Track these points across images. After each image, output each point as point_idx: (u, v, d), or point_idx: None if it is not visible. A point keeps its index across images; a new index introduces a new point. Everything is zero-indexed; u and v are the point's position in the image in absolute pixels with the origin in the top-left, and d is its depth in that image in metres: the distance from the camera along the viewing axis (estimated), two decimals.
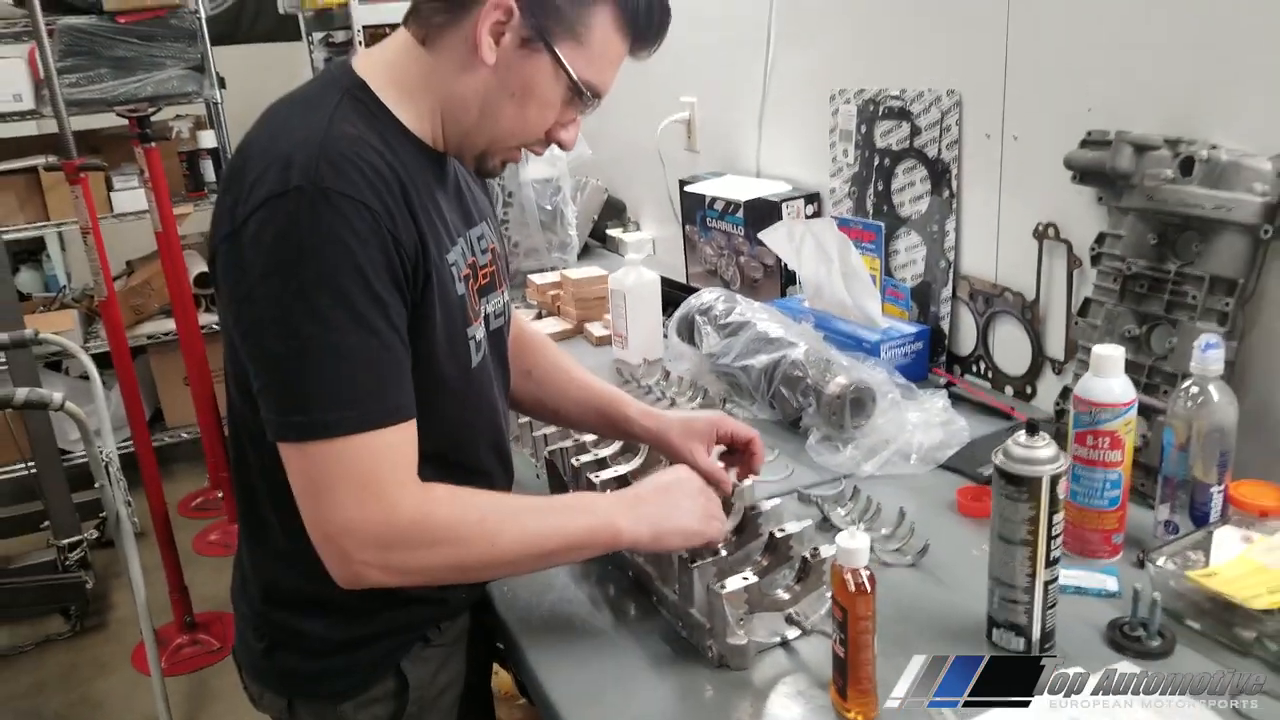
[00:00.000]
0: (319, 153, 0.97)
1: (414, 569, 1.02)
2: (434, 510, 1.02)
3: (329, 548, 0.99)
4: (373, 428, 0.98)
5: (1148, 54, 1.40)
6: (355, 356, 0.97)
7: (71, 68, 3.52)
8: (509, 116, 1.09)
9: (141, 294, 3.97)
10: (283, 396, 0.98)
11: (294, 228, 0.95)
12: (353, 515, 0.98)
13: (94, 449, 2.50)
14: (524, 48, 1.05)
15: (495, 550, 1.05)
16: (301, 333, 0.96)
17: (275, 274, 0.96)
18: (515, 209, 2.54)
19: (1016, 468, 1.01)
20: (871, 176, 1.96)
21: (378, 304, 0.98)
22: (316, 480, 0.98)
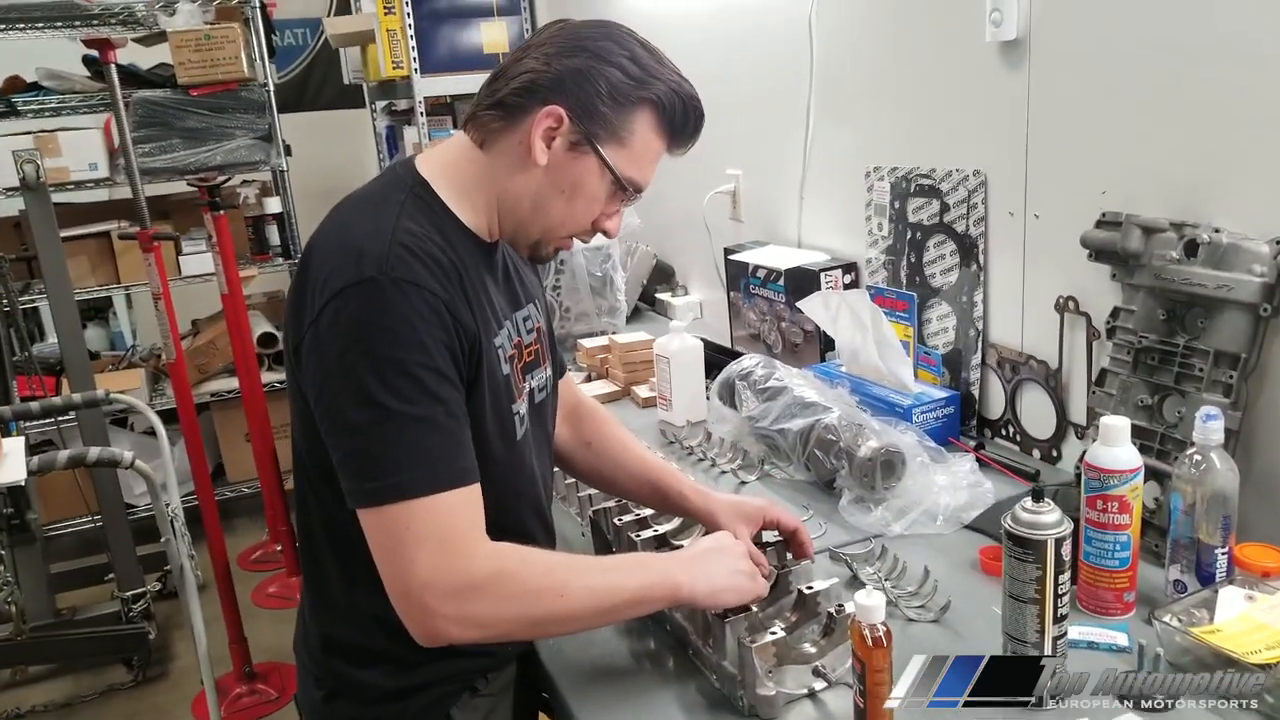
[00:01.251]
0: (388, 247, 1.09)
1: (490, 621, 1.09)
2: (506, 564, 1.10)
3: (409, 605, 1.06)
4: (446, 489, 1.07)
5: (1156, 142, 1.50)
6: (425, 425, 1.07)
7: (145, 138, 3.70)
8: (559, 210, 1.21)
9: (206, 353, 4.13)
10: (361, 464, 1.07)
11: (368, 311, 1.06)
12: (432, 570, 1.05)
13: (160, 504, 2.62)
14: (573, 150, 1.17)
15: (564, 603, 1.11)
16: (376, 403, 1.05)
17: (351, 352, 1.06)
18: (567, 275, 2.67)
19: (1023, 531, 1.10)
20: (905, 249, 2.06)
21: (443, 379, 1.09)
22: (396, 539, 1.06)
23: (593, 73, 1.16)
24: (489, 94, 1.20)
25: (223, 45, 3.67)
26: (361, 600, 1.17)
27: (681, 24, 2.91)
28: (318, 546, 1.25)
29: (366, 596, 1.14)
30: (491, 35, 4.05)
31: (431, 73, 3.88)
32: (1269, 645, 1.11)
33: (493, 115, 1.19)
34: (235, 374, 3.67)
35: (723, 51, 2.70)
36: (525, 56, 1.19)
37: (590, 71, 1.16)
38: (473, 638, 1.09)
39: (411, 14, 3.82)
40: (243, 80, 3.78)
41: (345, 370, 1.07)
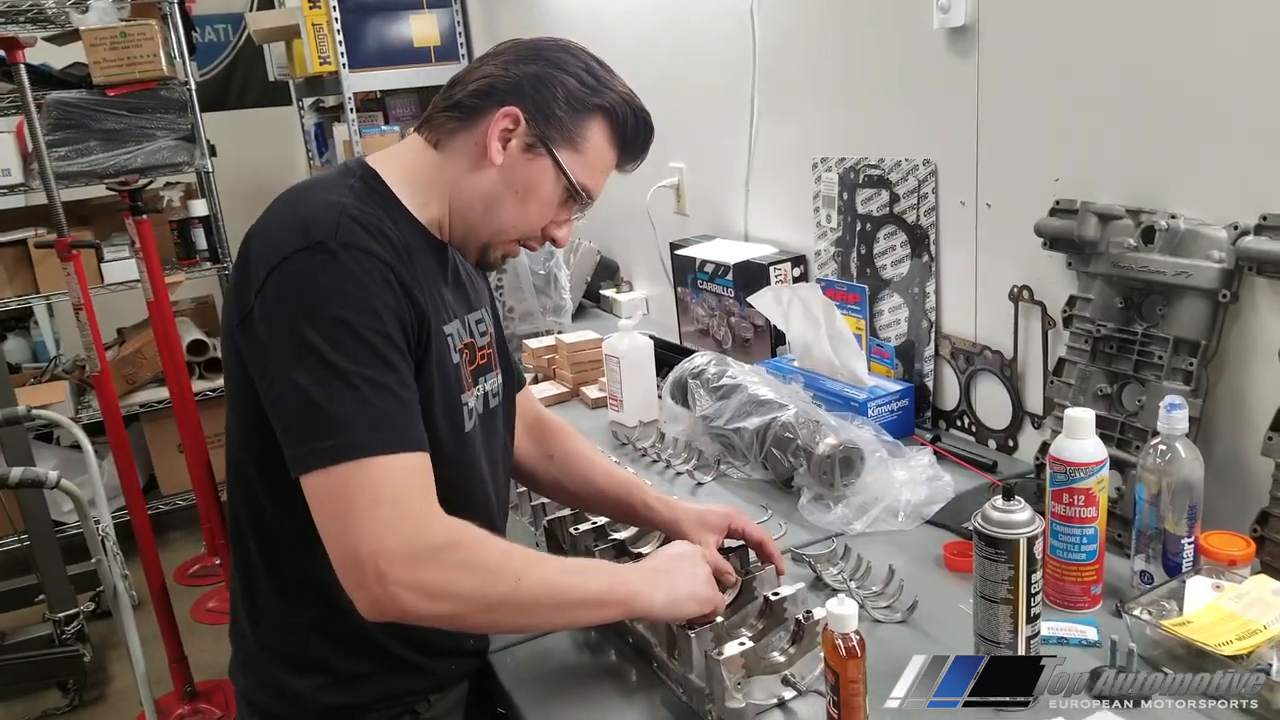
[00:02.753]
0: (338, 218, 1.07)
1: (443, 592, 1.02)
2: (464, 535, 1.05)
3: (360, 572, 0.99)
4: (400, 451, 1.03)
5: (1111, 128, 1.48)
6: (378, 387, 1.04)
7: (60, 141, 3.56)
8: (511, 212, 1.21)
9: (133, 363, 4.00)
10: (310, 425, 1.02)
11: (317, 274, 1.04)
12: (386, 533, 1.00)
13: (90, 523, 2.52)
14: (528, 152, 1.19)
15: (519, 589, 1.06)
16: (327, 364, 1.02)
17: (299, 315, 1.03)
18: (510, 274, 2.61)
19: (995, 531, 1.07)
20: (854, 241, 2.03)
21: (393, 346, 1.06)
22: (347, 502, 1.00)
23: (550, 79, 1.19)
24: (446, 98, 1.21)
25: (140, 43, 3.53)
26: (295, 608, 1.16)
27: (621, 13, 2.86)
28: (249, 554, 1.21)
29: (300, 605, 1.14)
30: (421, 28, 3.97)
31: (360, 68, 3.80)
32: (1239, 636, 1.10)
33: (449, 116, 1.20)
34: (165, 384, 3.55)
35: (663, 42, 2.66)
36: (483, 65, 1.21)
37: (547, 77, 1.19)
38: (424, 610, 1.02)
39: (338, 7, 3.73)
40: (162, 79, 3.65)
41: (293, 333, 1.03)
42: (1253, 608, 1.15)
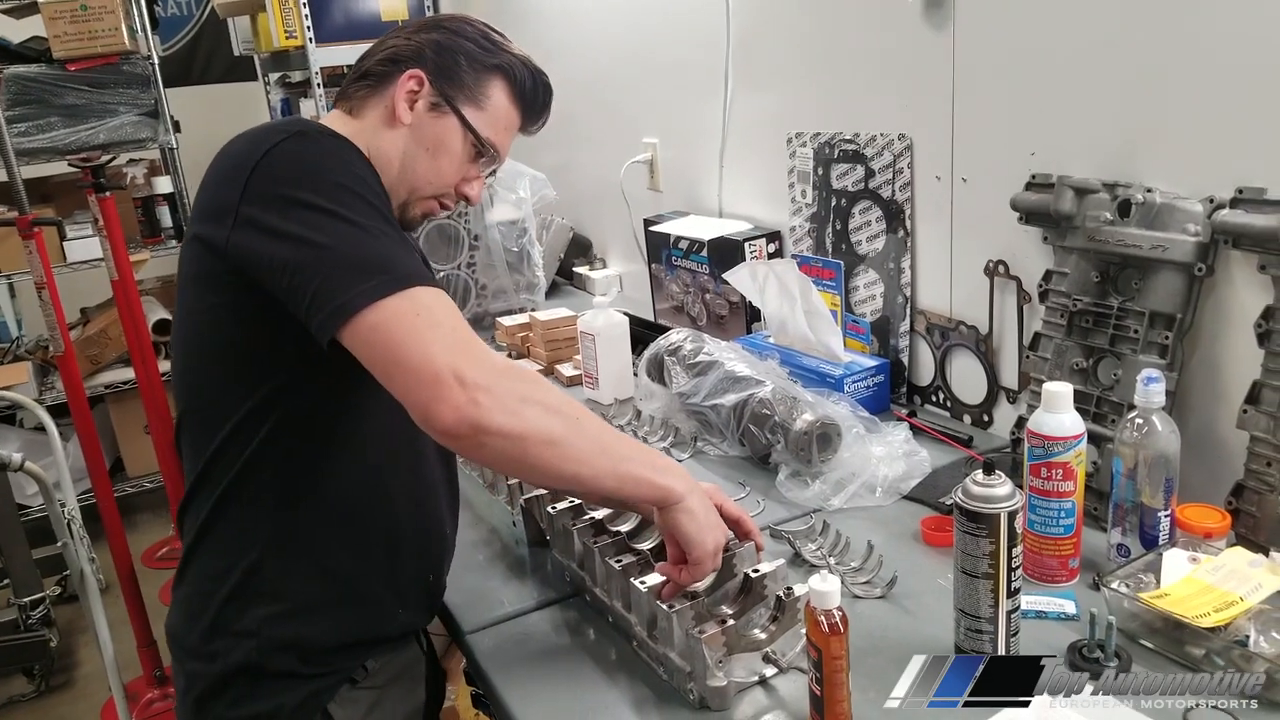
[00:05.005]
0: (307, 121, 1.18)
1: (517, 409, 1.03)
2: (524, 368, 1.12)
3: (439, 385, 1.00)
4: (437, 285, 1.08)
5: (1086, 102, 1.48)
6: (393, 239, 1.09)
7: (20, 117, 3.50)
8: (424, 168, 1.30)
9: (98, 343, 3.94)
10: (347, 276, 1.03)
11: (303, 152, 1.11)
12: (456, 347, 1.02)
13: (55, 506, 2.49)
14: (434, 110, 1.29)
15: (580, 427, 1.10)
16: (345, 221, 1.06)
17: (303, 187, 1.07)
18: (482, 252, 2.58)
19: (975, 505, 1.07)
20: (830, 216, 2.02)
21: (390, 211, 1.14)
22: (408, 329, 1.01)
23: (450, 43, 1.31)
24: (357, 71, 1.33)
25: (101, 16, 3.47)
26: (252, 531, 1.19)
27: None
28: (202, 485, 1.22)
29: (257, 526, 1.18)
30: (389, 2, 3.90)
31: (327, 42, 3.73)
32: (1217, 608, 1.10)
33: (360, 85, 1.31)
34: (130, 364, 3.49)
35: (636, 16, 2.63)
36: (389, 38, 1.33)
37: (448, 43, 1.31)
38: (500, 423, 1.01)
39: None
40: (124, 53, 3.59)
41: (300, 204, 1.06)
42: (1229, 579, 1.15)
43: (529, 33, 3.33)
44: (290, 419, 1.17)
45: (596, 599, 1.31)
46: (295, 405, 1.17)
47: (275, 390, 1.16)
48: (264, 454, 1.17)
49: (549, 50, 3.20)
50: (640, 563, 1.26)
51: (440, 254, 2.54)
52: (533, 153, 3.09)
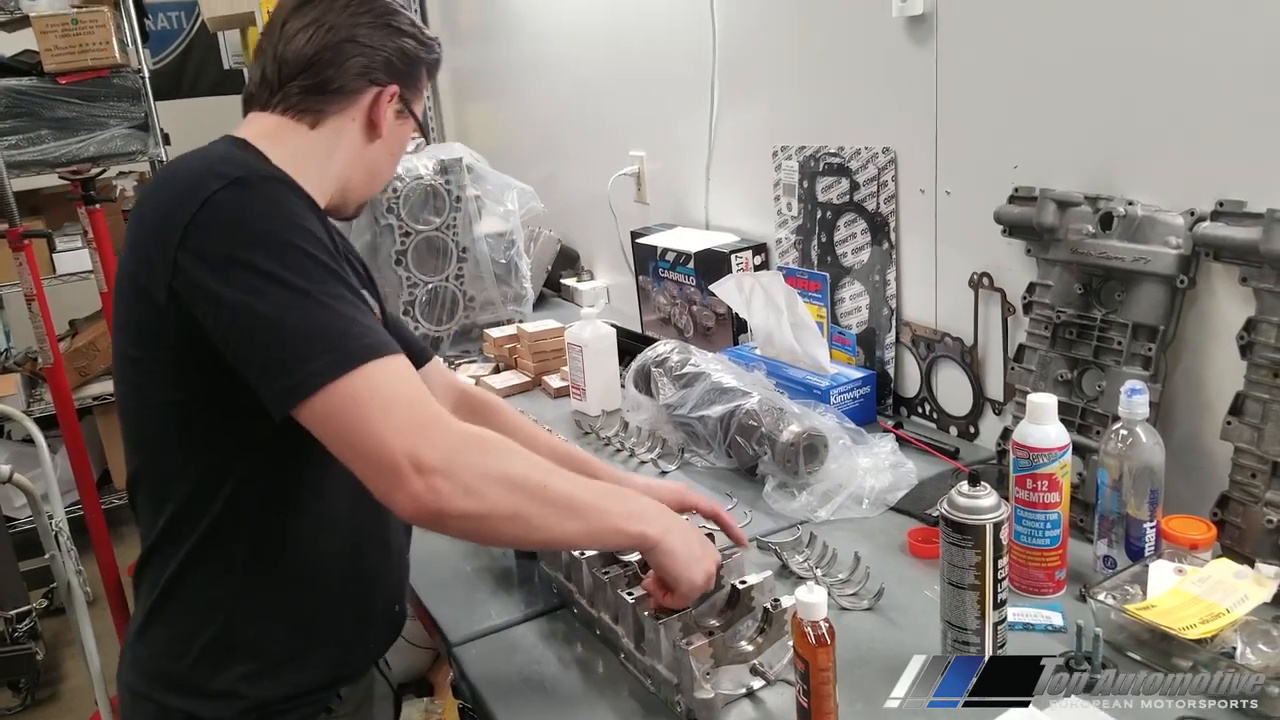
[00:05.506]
0: (242, 160, 1.09)
1: (478, 486, 1.00)
2: (485, 433, 1.05)
3: (396, 473, 0.97)
4: (390, 354, 1.01)
5: (1068, 116, 1.49)
6: (344, 301, 1.02)
7: (10, 130, 3.50)
8: (387, 169, 1.34)
9: (86, 355, 3.93)
10: (295, 350, 0.98)
11: (246, 206, 1.03)
12: (409, 430, 0.97)
13: (43, 518, 2.48)
14: (399, 117, 1.30)
15: (548, 492, 1.06)
16: (289, 288, 0.99)
17: (242, 248, 1.00)
18: (470, 264, 2.58)
19: (961, 517, 1.07)
20: (815, 229, 2.03)
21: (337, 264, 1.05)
22: (362, 409, 0.97)
23: (406, 50, 1.28)
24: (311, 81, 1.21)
25: (92, 30, 3.47)
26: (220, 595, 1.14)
27: (580, 1, 2.84)
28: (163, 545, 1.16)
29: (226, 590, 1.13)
30: None
31: None
32: (1203, 620, 1.11)
33: (323, 98, 1.22)
34: None
35: (622, 30, 2.64)
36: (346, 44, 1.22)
37: (407, 49, 1.28)
38: (460, 506, 0.99)
39: None
40: (115, 66, 3.59)
41: (242, 266, 1.00)
42: (1215, 591, 1.16)
43: (517, 47, 3.35)
44: (252, 479, 1.12)
45: (584, 611, 1.31)
46: (256, 464, 1.12)
47: (233, 450, 1.11)
48: (227, 518, 1.12)
49: (537, 64, 3.23)
50: (628, 575, 1.27)
51: (428, 266, 2.54)
52: (520, 165, 3.11)
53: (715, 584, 1.24)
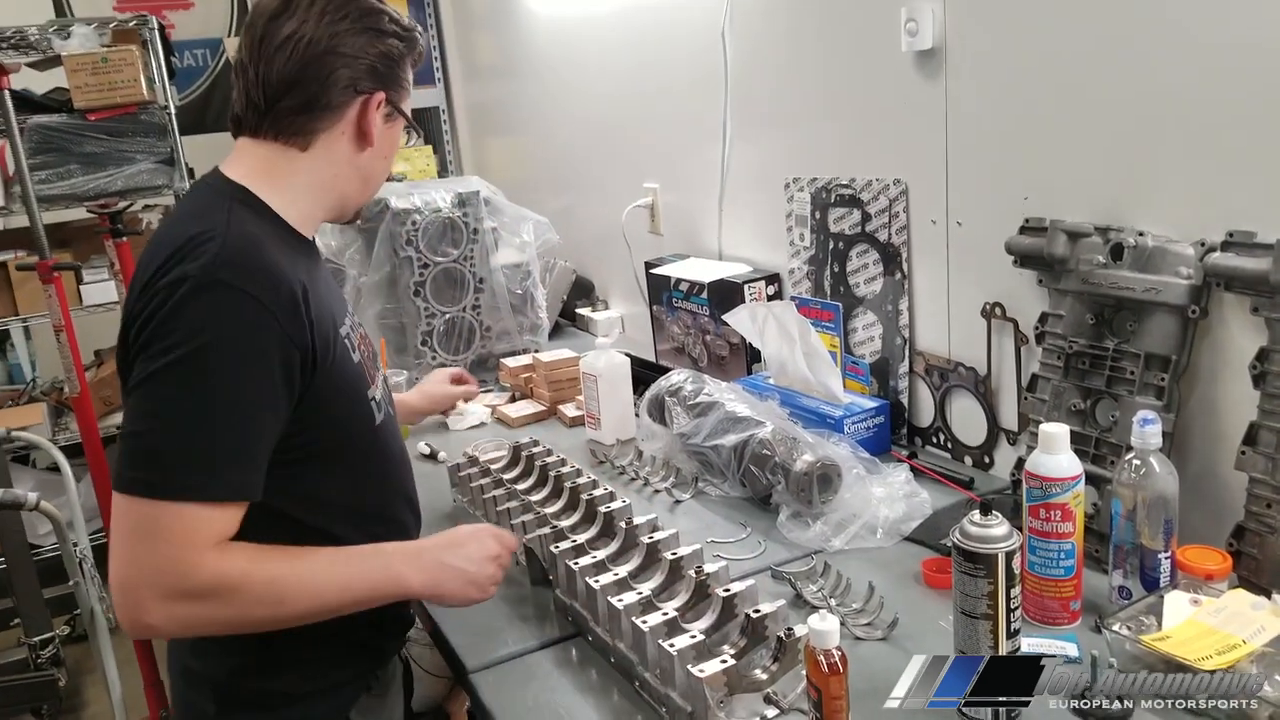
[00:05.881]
0: (215, 253, 1.11)
1: (196, 623, 1.12)
2: (229, 573, 1.10)
3: (124, 595, 1.07)
4: (203, 500, 1.09)
5: (1077, 147, 1.50)
6: (213, 431, 1.09)
7: (41, 165, 3.56)
8: (380, 173, 1.38)
9: (111, 385, 3.96)
10: (134, 448, 1.08)
11: (185, 309, 1.08)
12: (157, 568, 1.07)
13: (68, 545, 2.52)
14: (389, 120, 1.33)
15: (282, 610, 1.15)
16: (166, 397, 1.08)
17: (157, 345, 1.08)
18: (486, 294, 2.61)
19: (973, 546, 1.08)
20: (828, 259, 2.05)
21: (248, 388, 1.11)
22: (135, 531, 1.07)
23: (388, 51, 1.29)
24: (300, 98, 1.24)
25: (121, 68, 3.53)
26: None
27: (594, 35, 2.88)
28: None
29: None
30: None
31: None
32: (1219, 650, 1.11)
33: (309, 117, 1.26)
34: None
35: (635, 63, 2.68)
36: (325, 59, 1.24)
37: (388, 51, 1.29)
38: (174, 634, 1.19)
39: None
40: (142, 103, 3.65)
41: (150, 362, 1.08)
42: (1231, 622, 1.16)
43: (534, 83, 3.40)
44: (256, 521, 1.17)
45: (599, 639, 1.32)
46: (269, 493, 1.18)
47: None
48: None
49: (553, 99, 3.27)
50: (642, 602, 1.27)
51: (446, 297, 2.57)
52: (537, 197, 3.15)
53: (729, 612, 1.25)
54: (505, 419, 2.33)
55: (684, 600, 1.29)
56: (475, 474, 1.80)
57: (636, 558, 1.42)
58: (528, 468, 1.80)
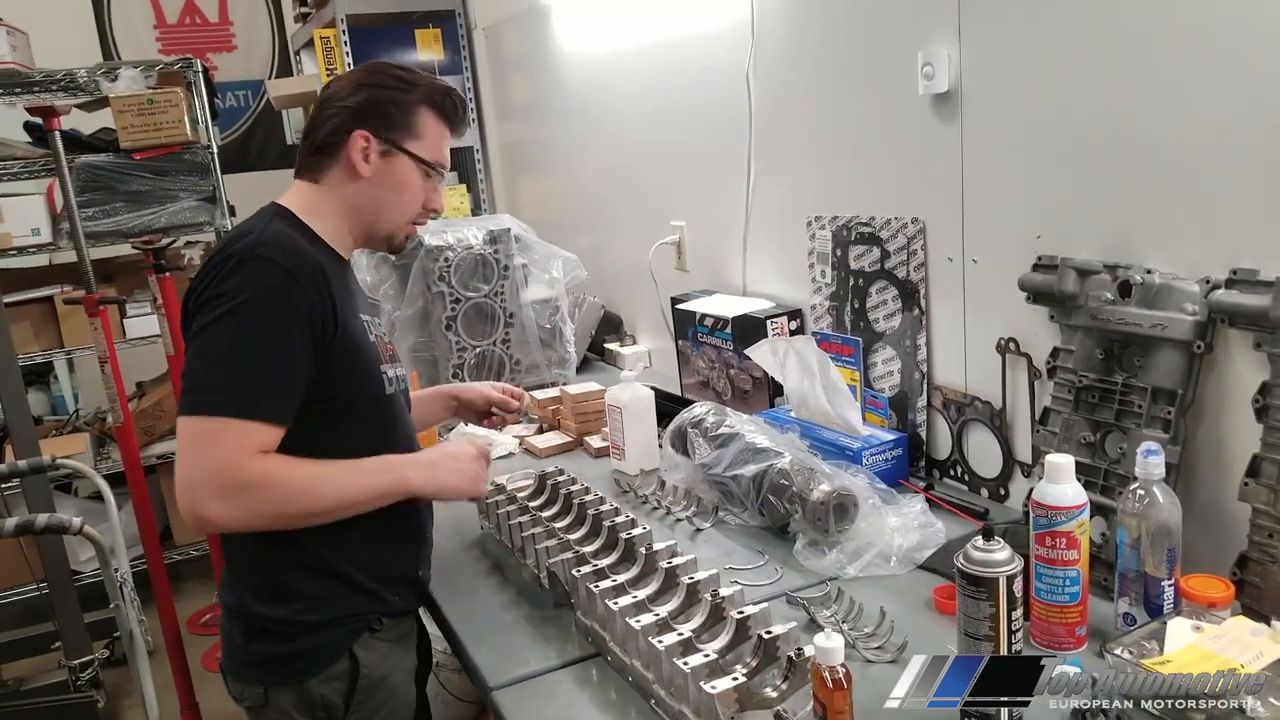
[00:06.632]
0: (255, 237, 1.42)
1: (244, 513, 1.35)
2: (269, 470, 1.35)
3: (187, 494, 1.32)
4: (248, 418, 1.35)
5: (1088, 187, 1.55)
6: (260, 362, 1.36)
7: (88, 202, 3.67)
8: (393, 204, 1.59)
9: (152, 415, 4.07)
10: (193, 381, 1.36)
11: (232, 272, 1.37)
12: (214, 468, 1.32)
13: (110, 570, 2.58)
14: (386, 157, 1.56)
15: (315, 503, 1.41)
16: (219, 340, 1.35)
17: (214, 299, 1.37)
18: (516, 329, 2.68)
19: (975, 570, 1.12)
20: (848, 295, 2.10)
21: (284, 331, 1.38)
22: (196, 442, 1.33)
23: (377, 96, 1.55)
24: (309, 146, 1.56)
25: (166, 109, 3.66)
26: (269, 548, 1.47)
27: (623, 79, 2.97)
28: None
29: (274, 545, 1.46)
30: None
31: None
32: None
33: (318, 158, 1.56)
34: None
35: (663, 105, 2.76)
36: (323, 110, 1.56)
37: (374, 98, 1.55)
38: (231, 524, 1.37)
39: None
40: (186, 143, 3.77)
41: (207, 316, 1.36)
42: (1230, 648, 1.18)
43: (564, 124, 3.49)
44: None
45: (617, 659, 1.36)
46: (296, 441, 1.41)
47: None
48: None
49: (583, 140, 3.35)
50: (659, 624, 1.32)
51: (477, 331, 2.64)
52: (567, 235, 3.22)
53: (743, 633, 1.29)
54: (533, 449, 2.39)
55: (700, 622, 1.33)
56: (502, 501, 1.85)
57: (655, 582, 1.46)
58: (553, 496, 1.86)
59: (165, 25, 5.38)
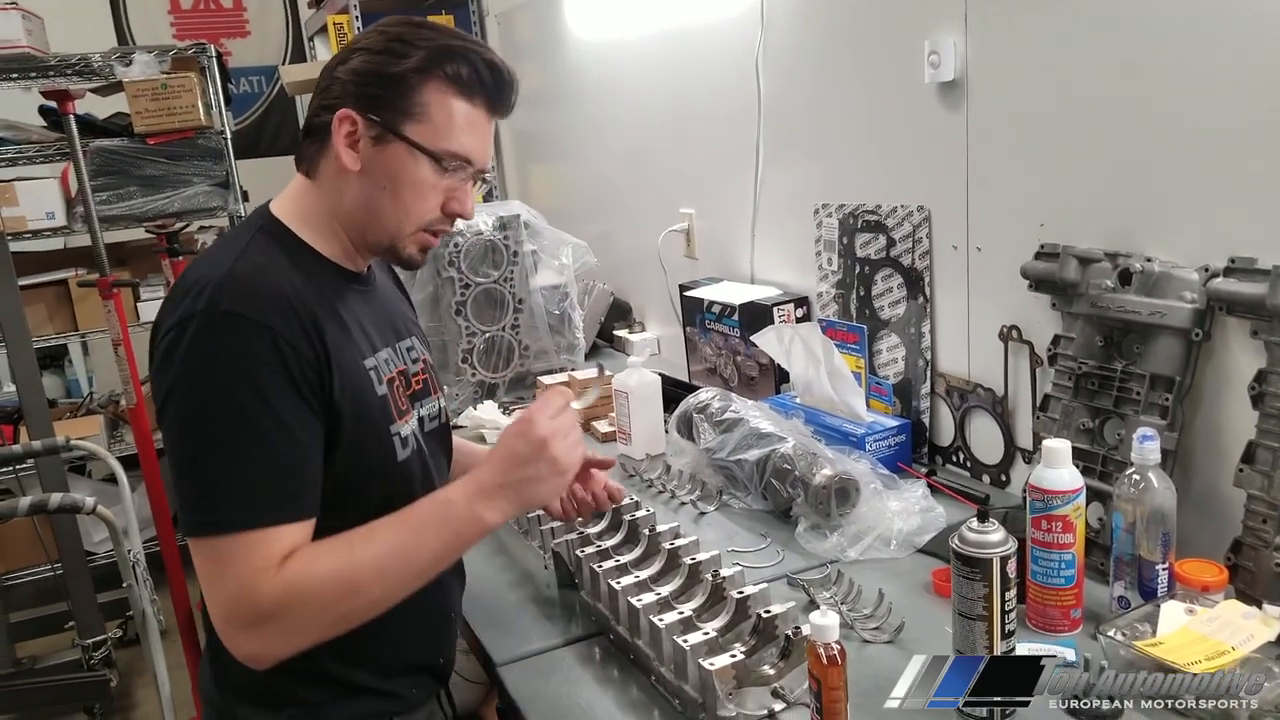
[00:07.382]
0: (220, 280, 1.10)
1: (287, 641, 1.10)
2: (290, 581, 1.07)
3: (222, 636, 1.09)
4: (253, 527, 1.08)
5: (1090, 177, 1.57)
6: (246, 461, 1.08)
7: (102, 186, 3.69)
8: (389, 207, 1.22)
9: None
10: (183, 495, 1.09)
11: (194, 347, 1.08)
12: (231, 600, 1.07)
13: (122, 550, 2.62)
14: (378, 144, 1.19)
15: (360, 598, 1.11)
16: (199, 439, 1.08)
17: (177, 388, 1.08)
18: (525, 314, 2.70)
19: (970, 551, 1.14)
20: (854, 283, 2.12)
21: (271, 413, 1.09)
22: (208, 573, 1.08)
23: (364, 66, 1.19)
24: (305, 127, 1.26)
25: (179, 94, 3.68)
26: None
27: (632, 66, 2.99)
28: None
29: None
30: None
31: None
32: (1209, 656, 1.16)
33: (307, 144, 1.24)
34: None
35: (673, 93, 2.78)
36: (319, 81, 1.24)
37: (360, 69, 1.19)
38: (287, 652, 1.10)
39: None
40: (200, 128, 3.78)
41: (172, 405, 1.09)
42: (1222, 630, 1.21)
43: (575, 112, 3.50)
44: None
45: (619, 637, 1.39)
46: None
47: None
48: None
49: (594, 128, 3.37)
50: (660, 603, 1.34)
51: (486, 316, 2.67)
52: (577, 222, 3.24)
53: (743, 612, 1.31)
54: None
55: (701, 602, 1.36)
56: None
57: (658, 563, 1.49)
58: None
59: (180, 10, 5.41)
